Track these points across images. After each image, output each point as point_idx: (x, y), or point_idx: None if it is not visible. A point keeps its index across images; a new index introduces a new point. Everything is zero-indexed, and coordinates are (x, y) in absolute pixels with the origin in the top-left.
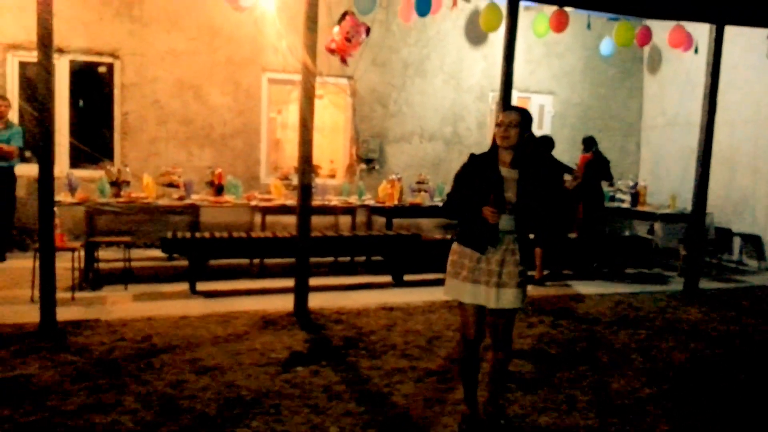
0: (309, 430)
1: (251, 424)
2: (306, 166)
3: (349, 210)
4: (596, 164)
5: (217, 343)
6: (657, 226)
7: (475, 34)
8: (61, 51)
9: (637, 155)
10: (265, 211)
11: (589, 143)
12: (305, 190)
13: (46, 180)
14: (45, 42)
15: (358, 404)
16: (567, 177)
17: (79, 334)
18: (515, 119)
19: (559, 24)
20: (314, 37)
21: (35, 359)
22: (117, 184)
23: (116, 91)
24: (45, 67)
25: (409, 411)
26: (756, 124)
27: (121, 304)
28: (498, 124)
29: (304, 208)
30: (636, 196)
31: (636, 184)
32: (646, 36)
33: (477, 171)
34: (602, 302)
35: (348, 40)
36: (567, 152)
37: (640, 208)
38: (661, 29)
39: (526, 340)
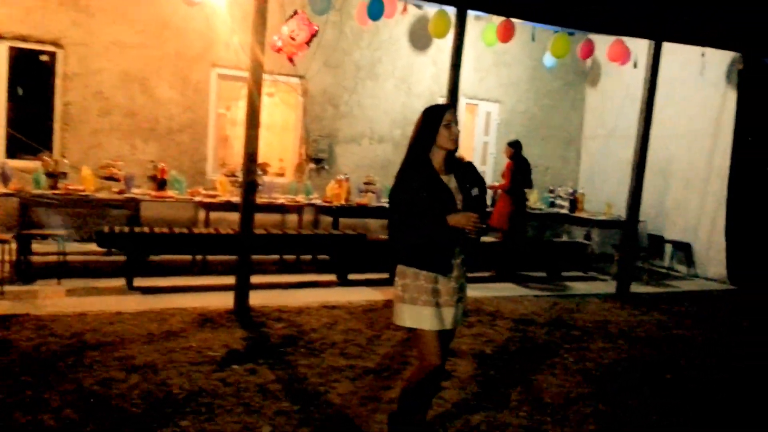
0: (241, 430)
1: (181, 424)
2: (251, 162)
3: (297, 209)
4: (521, 169)
5: (151, 341)
6: (593, 232)
7: (424, 40)
8: (0, 37)
9: (577, 164)
10: (210, 207)
11: (518, 147)
12: (249, 186)
13: None
14: None
15: (293, 403)
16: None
17: (5, 329)
18: (457, 118)
19: (506, 34)
20: (263, 33)
21: None
22: (54, 176)
23: (58, 81)
24: None
25: (344, 409)
26: (689, 138)
27: (53, 299)
28: (446, 124)
29: (248, 205)
30: (574, 203)
31: (575, 191)
32: (589, 49)
33: (420, 181)
34: (538, 303)
35: (292, 39)
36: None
37: (578, 214)
38: (603, 43)
39: (463, 339)
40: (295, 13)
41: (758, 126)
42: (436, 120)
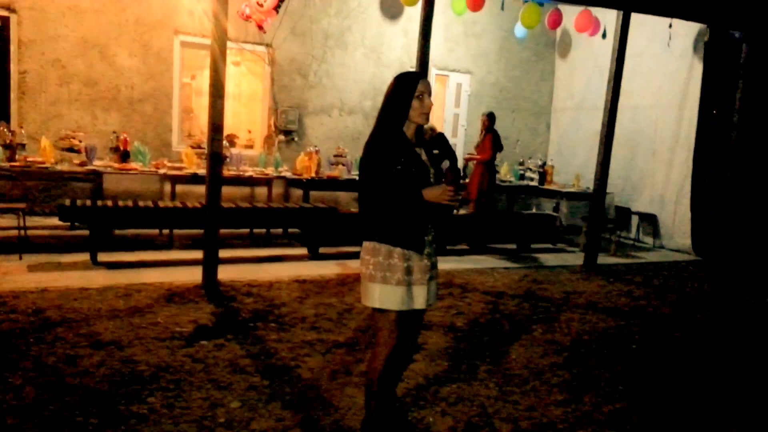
0: (210, 406)
1: (148, 401)
2: (216, 133)
3: (266, 181)
4: (496, 142)
5: (116, 317)
6: (562, 204)
7: (394, 9)
8: None
9: (547, 136)
10: (176, 179)
11: (493, 119)
12: (215, 158)
13: None
14: None
15: (263, 378)
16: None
17: None
18: (430, 89)
19: (476, 2)
20: (224, 2)
21: None
22: (10, 147)
23: (12, 48)
24: None
25: (315, 384)
26: (656, 110)
27: (13, 275)
28: (418, 96)
29: (214, 177)
30: (543, 175)
31: (544, 163)
32: (557, 19)
33: (395, 155)
34: (508, 275)
35: (260, 5)
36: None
37: (547, 186)
38: (572, 13)
39: (434, 312)
40: None
41: (723, 97)
42: (409, 91)
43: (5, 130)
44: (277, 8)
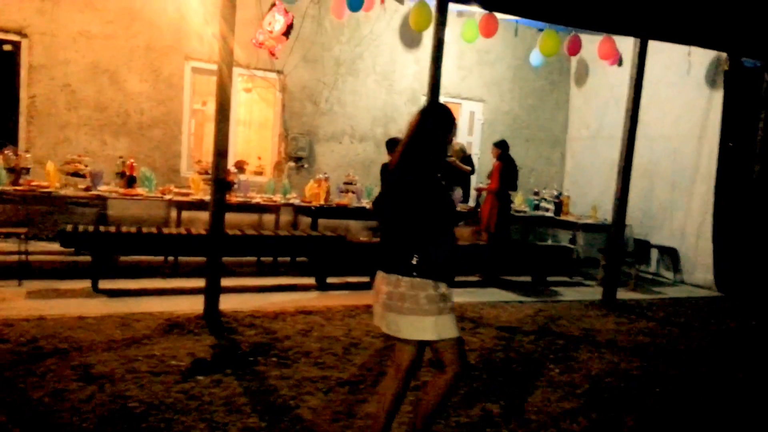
0: None
1: None
2: (220, 158)
3: (274, 208)
4: (508, 170)
5: (112, 348)
6: (579, 235)
7: (409, 37)
8: None
9: (562, 166)
10: (182, 206)
11: (505, 148)
12: (219, 184)
13: None
14: None
15: (261, 418)
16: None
17: None
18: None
19: (488, 29)
20: (231, 23)
21: None
22: (15, 171)
23: (23, 72)
24: None
25: (315, 426)
26: (675, 140)
27: (11, 302)
28: (450, 139)
29: (218, 204)
30: (559, 206)
31: (560, 193)
32: (576, 46)
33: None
34: (522, 310)
35: (270, 31)
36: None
37: (563, 217)
38: (589, 42)
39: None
40: (273, 5)
41: (743, 128)
42: (451, 127)
43: (10, 153)
44: (286, 34)
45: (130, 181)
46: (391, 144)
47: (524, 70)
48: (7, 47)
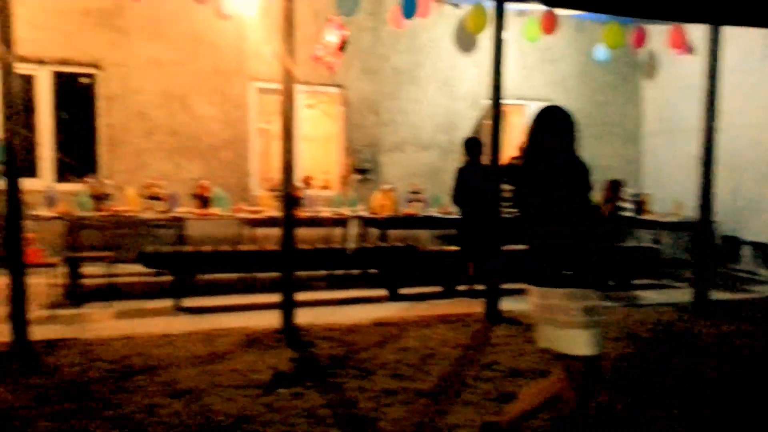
0: None
1: None
2: (288, 175)
3: (341, 221)
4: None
5: (196, 364)
6: (662, 235)
7: (466, 41)
8: (41, 62)
9: (639, 163)
10: (254, 223)
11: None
12: (288, 200)
13: (13, 193)
14: (5, 49)
15: (342, 429)
16: None
17: (52, 355)
18: None
19: (549, 26)
20: (291, 42)
21: (1, 382)
22: (98, 198)
23: (100, 103)
24: (5, 75)
25: None
26: (760, 129)
27: (101, 322)
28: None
29: (288, 219)
30: (639, 205)
31: (639, 192)
32: (642, 38)
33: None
34: (607, 314)
35: (326, 46)
36: None
37: (644, 216)
38: (657, 33)
39: (529, 357)
40: (329, 20)
41: None
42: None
43: (93, 181)
44: (341, 48)
45: (205, 202)
46: (471, 144)
47: (590, 65)
48: (84, 80)
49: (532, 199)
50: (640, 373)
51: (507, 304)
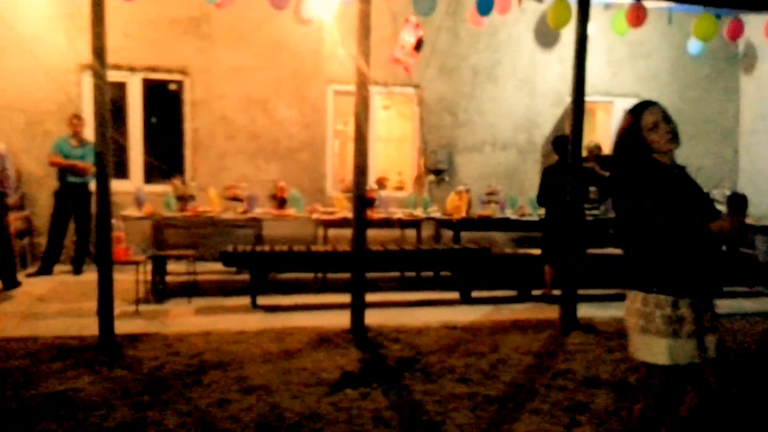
0: None
1: None
2: (360, 176)
3: (415, 223)
4: None
5: (268, 361)
6: (758, 239)
7: (549, 37)
8: (132, 69)
9: (735, 162)
10: (328, 224)
11: None
12: (360, 201)
13: (103, 194)
14: (97, 58)
15: None
16: None
17: (134, 348)
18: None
19: (637, 18)
20: (367, 44)
21: (87, 373)
22: (183, 199)
23: (186, 108)
24: (98, 83)
25: None
26: None
27: (181, 318)
28: (651, 128)
29: (360, 220)
30: None
31: (734, 193)
32: (737, 29)
33: (665, 179)
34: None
35: (403, 47)
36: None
37: None
38: (755, 24)
39: (603, 366)
40: (406, 21)
41: None
42: (635, 125)
43: (178, 183)
44: (417, 49)
45: (282, 203)
46: (559, 143)
47: (683, 60)
48: (172, 86)
49: (619, 200)
50: (725, 392)
51: (584, 311)
